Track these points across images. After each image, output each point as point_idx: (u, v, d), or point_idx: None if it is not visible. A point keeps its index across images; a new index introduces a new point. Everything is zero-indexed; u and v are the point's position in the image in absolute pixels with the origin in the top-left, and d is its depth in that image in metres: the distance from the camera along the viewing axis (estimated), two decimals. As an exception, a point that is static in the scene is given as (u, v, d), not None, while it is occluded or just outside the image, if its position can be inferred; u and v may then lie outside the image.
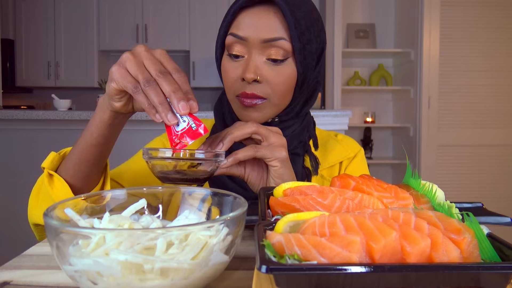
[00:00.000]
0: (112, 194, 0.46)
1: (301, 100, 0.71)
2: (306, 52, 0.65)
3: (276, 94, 0.66)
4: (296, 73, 0.66)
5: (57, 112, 2.03)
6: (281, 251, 0.30)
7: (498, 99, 3.05)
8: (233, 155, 0.57)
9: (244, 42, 0.64)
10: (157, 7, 3.94)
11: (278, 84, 0.65)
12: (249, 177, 0.62)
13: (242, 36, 0.64)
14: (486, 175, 3.06)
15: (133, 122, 2.11)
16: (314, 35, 0.66)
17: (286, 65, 0.65)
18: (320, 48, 0.69)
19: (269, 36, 0.63)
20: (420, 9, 3.04)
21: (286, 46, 0.63)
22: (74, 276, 0.34)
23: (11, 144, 2.15)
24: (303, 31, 0.64)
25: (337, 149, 0.79)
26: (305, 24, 0.64)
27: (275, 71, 0.65)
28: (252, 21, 0.63)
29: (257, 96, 0.65)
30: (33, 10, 3.98)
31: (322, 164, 0.76)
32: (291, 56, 0.65)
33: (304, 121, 0.74)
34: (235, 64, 0.66)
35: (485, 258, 0.31)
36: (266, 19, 0.63)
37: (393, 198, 0.42)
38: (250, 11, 0.64)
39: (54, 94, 2.40)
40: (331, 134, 0.84)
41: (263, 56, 0.64)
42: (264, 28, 0.63)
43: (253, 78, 0.63)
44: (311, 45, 0.65)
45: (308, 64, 0.67)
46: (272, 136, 0.59)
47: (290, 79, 0.66)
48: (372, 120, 3.44)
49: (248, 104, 0.65)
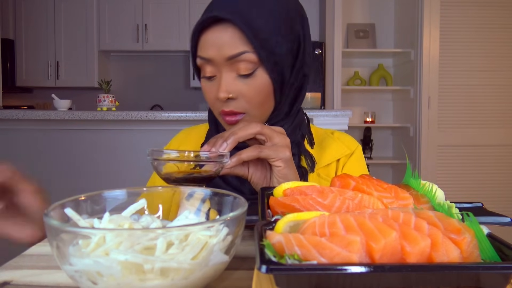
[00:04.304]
0: (112, 194, 0.46)
1: (288, 100, 0.70)
2: (276, 57, 0.64)
3: (254, 106, 0.66)
4: (270, 80, 0.65)
5: (57, 112, 2.03)
6: (281, 251, 0.30)
7: (498, 99, 3.05)
8: (237, 156, 0.57)
9: (211, 62, 0.64)
10: (157, 7, 3.94)
11: (253, 97, 0.65)
12: (252, 177, 0.62)
13: (207, 58, 0.64)
14: (486, 175, 3.06)
15: (133, 122, 2.11)
16: (282, 35, 0.64)
17: (257, 76, 0.64)
18: (295, 43, 0.67)
19: (232, 53, 0.62)
20: (420, 9, 3.04)
21: (252, 58, 0.62)
22: (74, 276, 0.34)
23: (11, 144, 2.16)
24: (266, 37, 0.62)
25: (333, 146, 0.78)
26: (268, 29, 0.63)
27: (247, 85, 0.64)
28: (214, 40, 0.63)
29: (236, 112, 0.65)
30: (33, 10, 3.98)
31: (318, 163, 0.74)
32: (261, 66, 0.64)
33: (295, 119, 0.73)
34: (210, 84, 0.67)
35: (485, 258, 0.31)
36: (225, 36, 0.62)
37: (393, 198, 0.42)
38: (210, 31, 0.63)
39: (54, 94, 2.40)
40: (328, 132, 0.83)
41: (233, 73, 0.64)
42: (226, 45, 0.62)
43: (226, 96, 0.64)
44: (280, 47, 0.64)
45: (283, 66, 0.65)
46: (276, 136, 0.59)
47: (265, 89, 0.65)
48: (372, 120, 3.44)
49: (230, 122, 0.66)
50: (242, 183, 0.70)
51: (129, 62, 4.33)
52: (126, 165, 2.15)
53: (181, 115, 1.98)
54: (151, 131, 2.14)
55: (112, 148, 2.16)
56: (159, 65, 4.30)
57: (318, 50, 3.37)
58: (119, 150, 2.16)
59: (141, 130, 2.14)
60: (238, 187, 0.70)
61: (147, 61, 4.31)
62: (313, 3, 3.85)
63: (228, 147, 0.56)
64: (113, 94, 2.36)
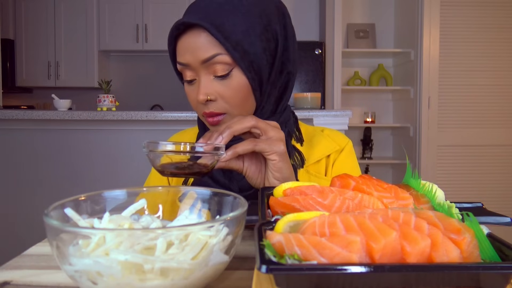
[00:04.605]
0: (112, 194, 0.46)
1: (273, 98, 0.71)
2: (250, 57, 0.65)
3: (233, 106, 0.67)
4: (247, 80, 0.66)
5: (57, 112, 2.03)
6: (281, 251, 0.30)
7: (498, 99, 3.05)
8: (232, 149, 0.57)
9: (189, 66, 0.66)
10: (157, 7, 3.94)
11: (231, 97, 0.66)
12: (247, 171, 0.63)
13: (184, 63, 0.66)
14: (486, 175, 3.06)
15: (133, 122, 2.11)
16: (256, 34, 0.65)
17: (233, 76, 0.65)
18: (273, 42, 0.68)
19: (205, 56, 0.64)
20: (420, 9, 3.04)
21: (226, 59, 0.64)
22: (74, 276, 0.34)
23: (11, 144, 2.16)
24: (239, 38, 0.64)
25: (323, 143, 0.78)
26: (240, 30, 0.64)
27: (225, 86, 0.66)
28: (188, 45, 0.65)
29: (216, 113, 0.67)
30: (33, 10, 3.98)
31: (308, 160, 0.75)
32: (236, 66, 0.65)
33: (281, 118, 0.73)
34: (191, 88, 0.69)
35: (485, 258, 0.31)
36: (198, 41, 0.64)
37: (393, 198, 0.42)
38: (184, 37, 0.65)
39: (54, 94, 2.40)
40: (317, 129, 0.83)
41: (210, 75, 0.66)
42: (199, 49, 0.64)
43: (204, 99, 0.65)
44: (254, 47, 0.65)
45: (259, 65, 0.66)
46: (271, 130, 0.60)
47: (242, 89, 0.66)
48: (372, 120, 3.44)
49: (212, 123, 0.68)
50: (231, 181, 0.70)
51: (129, 62, 4.33)
52: (126, 165, 2.15)
53: (181, 115, 1.98)
54: (151, 131, 2.14)
55: (112, 148, 2.16)
56: (159, 65, 4.29)
57: (318, 50, 3.37)
58: (119, 150, 2.16)
59: (141, 130, 2.14)
60: (227, 185, 0.70)
61: (147, 61, 4.31)
62: (313, 3, 3.85)
63: (224, 140, 0.57)
64: (113, 94, 2.36)
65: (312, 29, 3.83)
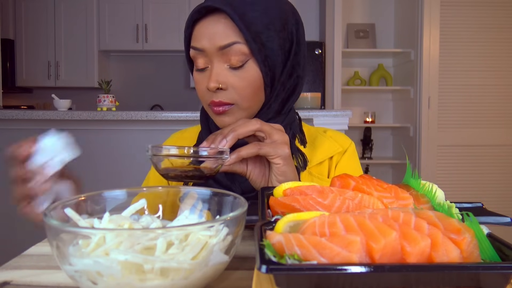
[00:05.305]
0: (112, 194, 0.46)
1: (280, 98, 0.71)
2: (267, 51, 0.65)
3: (243, 98, 0.66)
4: (260, 73, 0.66)
5: (57, 112, 2.03)
6: (281, 251, 0.30)
7: (498, 99, 3.05)
8: (236, 153, 0.57)
9: (204, 53, 0.65)
10: (157, 7, 3.94)
11: (242, 88, 0.65)
12: (251, 174, 0.63)
13: (200, 48, 0.65)
14: (486, 175, 3.06)
15: (133, 122, 2.11)
16: (275, 30, 0.65)
17: (247, 68, 0.65)
18: (288, 42, 0.68)
19: (223, 43, 0.63)
20: (420, 9, 3.04)
21: (243, 49, 0.63)
22: (74, 276, 0.34)
23: (11, 144, 2.15)
24: (259, 30, 0.64)
25: (325, 145, 0.78)
26: (261, 22, 0.64)
27: (238, 76, 0.65)
28: (206, 31, 0.64)
29: (224, 103, 0.66)
30: (33, 10, 3.98)
31: (310, 161, 0.74)
32: (252, 58, 0.65)
33: (286, 119, 0.73)
34: (201, 76, 0.68)
35: (485, 258, 0.31)
36: (218, 26, 0.63)
37: (393, 198, 0.42)
38: (203, 22, 0.65)
39: (54, 94, 2.40)
40: (320, 130, 0.82)
41: (224, 64, 0.65)
42: (217, 35, 0.63)
43: (216, 87, 0.64)
44: (272, 42, 0.65)
45: (274, 61, 0.66)
46: (276, 133, 0.59)
47: (255, 81, 0.66)
48: (372, 120, 3.44)
49: (217, 112, 0.67)
50: (233, 183, 0.70)
51: (129, 62, 4.33)
52: (126, 165, 2.15)
53: (181, 115, 1.98)
54: (151, 131, 2.14)
55: (112, 148, 2.16)
56: (159, 65, 4.29)
57: (318, 50, 3.37)
58: (119, 150, 2.16)
59: (141, 130, 2.14)
60: (229, 186, 0.69)
61: (147, 61, 4.31)
62: (313, 3, 3.85)
63: (228, 144, 0.56)
64: (113, 94, 2.36)
65: (312, 29, 3.83)
